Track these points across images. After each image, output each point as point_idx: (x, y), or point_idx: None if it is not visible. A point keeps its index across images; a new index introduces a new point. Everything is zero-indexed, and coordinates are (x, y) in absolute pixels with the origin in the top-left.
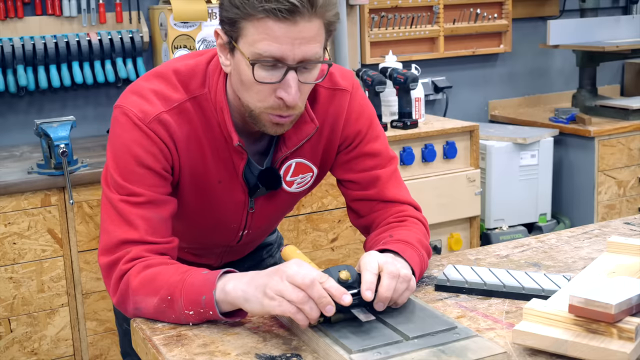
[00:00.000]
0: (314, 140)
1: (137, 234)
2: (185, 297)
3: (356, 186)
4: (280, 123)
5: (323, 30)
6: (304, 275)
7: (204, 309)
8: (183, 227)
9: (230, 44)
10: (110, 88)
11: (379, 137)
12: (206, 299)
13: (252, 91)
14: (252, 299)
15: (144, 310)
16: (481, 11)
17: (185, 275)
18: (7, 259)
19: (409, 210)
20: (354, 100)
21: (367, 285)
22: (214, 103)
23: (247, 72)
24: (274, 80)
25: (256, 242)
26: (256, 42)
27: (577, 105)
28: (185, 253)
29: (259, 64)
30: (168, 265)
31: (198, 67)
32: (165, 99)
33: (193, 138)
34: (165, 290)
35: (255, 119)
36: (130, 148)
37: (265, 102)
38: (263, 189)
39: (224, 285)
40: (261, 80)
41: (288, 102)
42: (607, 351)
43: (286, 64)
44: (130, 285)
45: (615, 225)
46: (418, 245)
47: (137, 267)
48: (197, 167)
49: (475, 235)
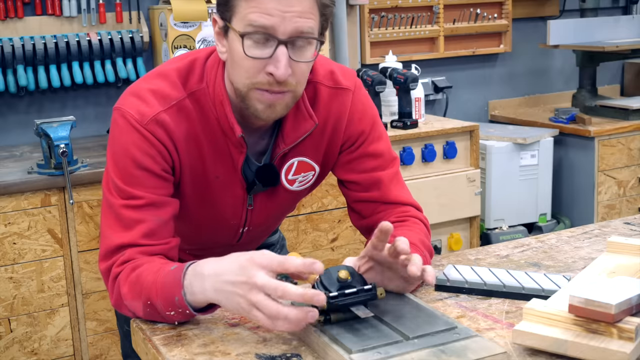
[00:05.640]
0: (315, 139)
1: (131, 237)
2: (161, 299)
3: (358, 187)
4: (271, 102)
5: (316, 10)
6: (268, 308)
7: (182, 309)
8: (184, 225)
9: (225, 26)
10: (110, 88)
11: (381, 137)
12: (179, 300)
13: (242, 68)
14: (226, 305)
15: (138, 313)
16: (481, 11)
17: (157, 276)
18: (7, 259)
19: (411, 211)
20: (357, 99)
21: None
22: (212, 97)
23: (238, 49)
24: (264, 55)
25: (257, 241)
26: (247, 15)
27: (577, 105)
28: (187, 255)
29: (248, 37)
30: (147, 265)
31: (196, 62)
32: (164, 98)
33: (192, 135)
34: (145, 294)
35: (246, 101)
36: (128, 151)
37: (255, 78)
38: (260, 185)
39: (190, 286)
40: (251, 55)
41: (277, 76)
42: (607, 351)
43: (277, 38)
44: (121, 290)
45: (615, 225)
46: (420, 245)
47: (126, 271)
48: (196, 164)
49: (475, 235)
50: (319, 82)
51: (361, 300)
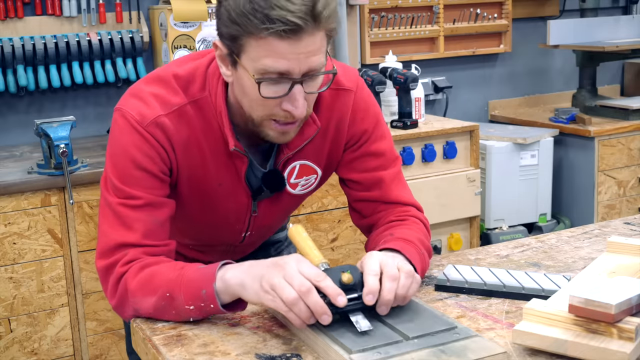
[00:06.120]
0: (318, 142)
1: (134, 237)
2: (185, 292)
3: (359, 186)
4: (286, 131)
5: (325, 40)
6: (301, 282)
7: (205, 303)
8: (186, 226)
9: (232, 56)
10: (110, 88)
11: (384, 136)
12: (207, 292)
13: (257, 104)
14: (248, 287)
15: (143, 311)
16: (481, 11)
17: (183, 271)
18: (7, 259)
19: (411, 211)
20: (359, 99)
21: (369, 289)
22: (214, 106)
23: (251, 89)
24: (280, 94)
25: (260, 241)
26: (261, 59)
27: (577, 105)
28: (190, 250)
29: (264, 81)
30: (164, 264)
31: (198, 70)
32: (165, 103)
33: (193, 141)
34: (164, 288)
35: (259, 127)
36: (128, 151)
37: (270, 112)
38: (267, 191)
39: (223, 274)
40: (267, 96)
41: (296, 115)
42: (607, 351)
43: (291, 78)
44: (128, 287)
45: (615, 225)
46: (418, 244)
47: (134, 269)
48: (196, 170)
49: (475, 235)
50: None
51: (362, 307)
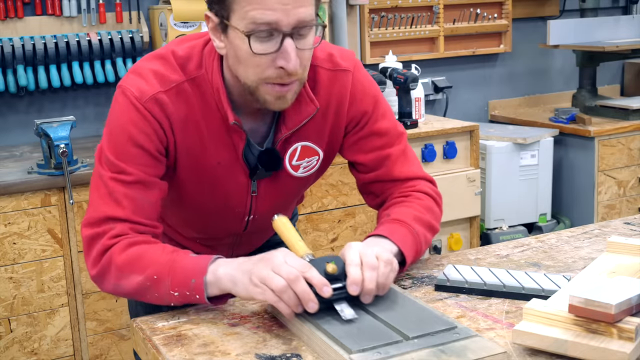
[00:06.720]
0: (318, 123)
1: (122, 212)
2: (173, 278)
3: (366, 168)
4: (282, 94)
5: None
6: (289, 270)
7: (191, 292)
8: (189, 213)
9: (222, 23)
10: (110, 88)
11: (385, 115)
12: (195, 282)
13: (250, 65)
14: (239, 282)
15: (125, 288)
16: (481, 11)
17: (174, 256)
18: (7, 259)
19: (418, 185)
20: (357, 80)
21: (352, 280)
22: (211, 84)
23: (243, 47)
24: (271, 50)
25: (265, 232)
26: (248, 13)
27: (577, 105)
28: (197, 244)
29: (254, 35)
30: (154, 245)
31: (194, 49)
32: (164, 80)
33: (191, 119)
34: (152, 269)
35: (256, 94)
36: (125, 127)
37: (265, 73)
38: (263, 170)
39: (215, 268)
40: (259, 52)
41: (289, 69)
42: (607, 351)
43: (281, 31)
44: (114, 261)
45: (615, 225)
46: (413, 222)
47: (121, 244)
48: (195, 149)
49: (475, 235)
50: (318, 66)
51: (346, 297)
